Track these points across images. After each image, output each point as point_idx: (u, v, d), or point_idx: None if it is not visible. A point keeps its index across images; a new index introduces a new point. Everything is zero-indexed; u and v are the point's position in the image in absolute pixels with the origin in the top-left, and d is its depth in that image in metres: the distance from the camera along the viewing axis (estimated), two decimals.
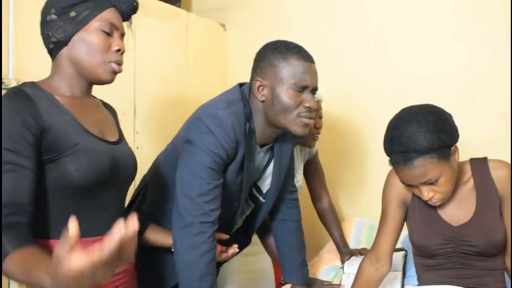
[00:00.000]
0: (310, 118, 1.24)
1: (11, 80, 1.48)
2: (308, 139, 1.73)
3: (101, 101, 1.20)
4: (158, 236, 1.30)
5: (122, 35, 1.10)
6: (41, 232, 0.95)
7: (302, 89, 1.21)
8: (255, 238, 1.76)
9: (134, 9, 1.13)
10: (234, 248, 1.33)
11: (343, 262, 1.76)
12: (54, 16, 1.02)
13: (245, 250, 1.64)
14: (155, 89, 2.09)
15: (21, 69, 1.52)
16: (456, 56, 2.02)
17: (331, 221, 1.86)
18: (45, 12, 1.05)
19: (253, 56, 1.31)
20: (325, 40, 2.29)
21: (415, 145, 1.15)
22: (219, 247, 1.31)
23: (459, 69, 2.01)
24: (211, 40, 2.50)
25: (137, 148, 1.97)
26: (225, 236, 1.34)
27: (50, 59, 1.10)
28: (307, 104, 1.22)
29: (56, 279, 0.67)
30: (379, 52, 2.18)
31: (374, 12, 2.19)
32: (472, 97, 1.98)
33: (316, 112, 1.70)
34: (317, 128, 1.73)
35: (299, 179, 1.83)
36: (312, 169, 1.90)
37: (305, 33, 2.30)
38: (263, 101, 1.25)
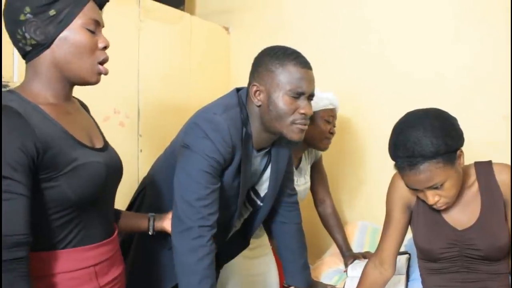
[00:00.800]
0: (305, 125, 1.25)
1: (16, 83, 1.49)
2: (321, 142, 1.75)
3: (76, 98, 1.12)
4: (132, 221, 1.28)
5: (103, 27, 1.03)
6: (40, 245, 0.92)
7: (298, 95, 1.22)
8: (258, 241, 1.76)
9: None
10: None
11: (346, 265, 1.75)
12: (29, 16, 0.92)
13: (249, 253, 1.64)
14: (159, 92, 2.10)
15: None
16: (457, 58, 2.02)
17: (334, 225, 1.86)
18: (16, 10, 0.93)
19: None
20: (328, 43, 2.29)
21: (421, 150, 1.14)
22: None
23: (460, 72, 2.01)
24: (214, 43, 2.50)
25: (141, 151, 1.98)
26: None
27: None
28: (302, 111, 1.23)
29: None
30: (381, 55, 2.18)
31: (376, 15, 2.19)
32: (474, 99, 1.98)
33: (332, 118, 1.76)
34: (331, 133, 1.76)
35: (308, 181, 1.84)
36: (316, 173, 1.90)
37: (308, 37, 2.31)
38: (259, 106, 1.26)
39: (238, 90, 1.34)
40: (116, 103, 1.87)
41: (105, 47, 1.01)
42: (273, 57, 1.24)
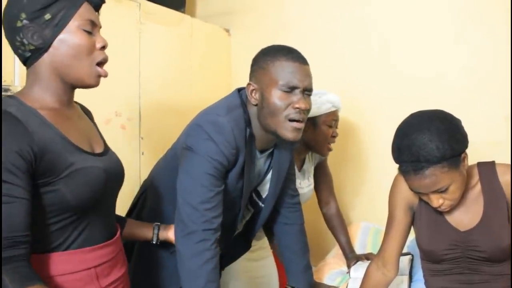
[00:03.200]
0: (300, 121, 1.22)
1: (17, 87, 1.49)
2: (323, 148, 1.73)
3: (78, 104, 1.12)
4: (137, 230, 1.28)
5: (100, 28, 1.03)
6: (41, 247, 0.93)
7: (290, 89, 1.19)
8: (260, 243, 1.75)
9: None
10: None
11: (349, 267, 1.75)
12: (26, 21, 0.92)
13: (250, 256, 1.64)
14: (160, 94, 2.10)
15: None
16: (458, 59, 2.01)
17: (337, 226, 1.86)
18: (12, 17, 0.93)
19: None
20: (328, 44, 2.29)
21: (426, 154, 1.12)
22: None
23: (461, 72, 2.01)
24: (215, 45, 2.51)
25: (142, 153, 1.98)
26: None
27: None
28: (296, 105, 1.19)
29: None
30: (382, 55, 2.18)
31: (377, 17, 2.19)
32: (474, 99, 1.97)
33: (334, 121, 1.72)
34: (333, 136, 1.74)
35: (312, 182, 1.83)
36: (321, 174, 1.89)
37: (309, 38, 2.31)
38: (256, 105, 1.25)
39: (239, 90, 1.33)
40: (117, 105, 1.87)
41: (103, 47, 1.00)
42: (266, 54, 1.24)
